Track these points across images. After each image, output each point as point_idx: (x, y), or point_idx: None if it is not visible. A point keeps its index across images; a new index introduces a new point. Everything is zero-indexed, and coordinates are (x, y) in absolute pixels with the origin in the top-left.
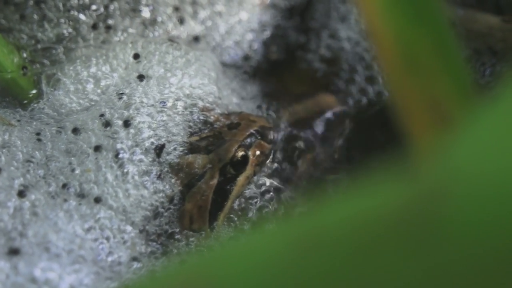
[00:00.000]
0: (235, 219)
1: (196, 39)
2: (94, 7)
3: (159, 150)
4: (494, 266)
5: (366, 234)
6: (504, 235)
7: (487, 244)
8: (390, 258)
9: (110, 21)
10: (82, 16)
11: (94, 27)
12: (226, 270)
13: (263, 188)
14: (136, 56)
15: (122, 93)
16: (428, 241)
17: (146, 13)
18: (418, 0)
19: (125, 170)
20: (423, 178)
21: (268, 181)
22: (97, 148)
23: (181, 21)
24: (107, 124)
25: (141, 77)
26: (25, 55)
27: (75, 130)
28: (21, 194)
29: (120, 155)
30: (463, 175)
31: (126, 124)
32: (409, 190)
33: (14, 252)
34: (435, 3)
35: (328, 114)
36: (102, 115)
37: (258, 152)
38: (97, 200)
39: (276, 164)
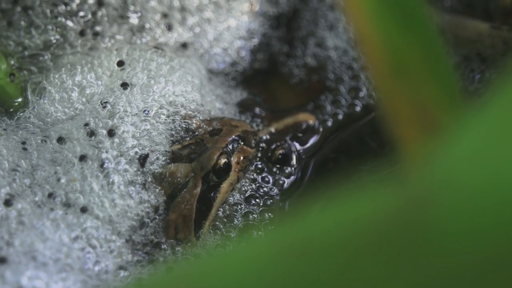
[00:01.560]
0: (221, 226)
1: (184, 45)
2: (81, 13)
3: (143, 159)
4: (479, 274)
5: (355, 242)
6: (489, 243)
7: (474, 252)
8: (378, 266)
9: (97, 28)
10: (69, 23)
11: (82, 33)
12: (215, 278)
13: (248, 194)
14: (121, 64)
15: (106, 102)
16: (416, 249)
17: (134, 19)
18: (407, 7)
19: (111, 180)
20: (412, 186)
21: (252, 187)
22: (82, 158)
23: (169, 27)
24: (91, 133)
25: (125, 85)
26: (12, 62)
27: (60, 139)
28: (7, 203)
29: (105, 165)
30: (451, 183)
31: (111, 133)
32: (398, 198)
33: (1, 260)
34: (424, 10)
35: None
36: (86, 124)
37: (241, 158)
38: (84, 209)
39: (260, 169)
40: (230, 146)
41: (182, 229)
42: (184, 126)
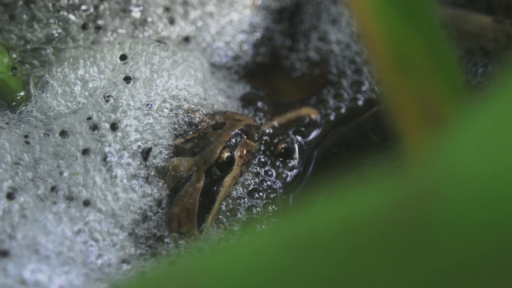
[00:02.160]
0: (224, 220)
1: (186, 39)
2: (84, 7)
3: (146, 153)
4: (485, 267)
5: (358, 236)
6: (493, 236)
7: (478, 245)
8: (381, 259)
9: (100, 22)
10: (71, 17)
11: (84, 27)
12: (218, 271)
13: (251, 188)
14: (123, 57)
15: (109, 96)
16: (419, 242)
17: (136, 13)
18: (410, 0)
19: (114, 174)
20: (415, 179)
21: (255, 181)
22: (85, 151)
23: (172, 21)
24: (94, 127)
25: (127, 79)
26: (14, 55)
27: (63, 133)
28: (10, 196)
29: (108, 159)
30: (455, 176)
31: (113, 127)
32: (401, 192)
33: (3, 254)
34: (427, 3)
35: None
36: (89, 118)
37: (244, 152)
38: (86, 203)
39: (263, 163)
40: (233, 140)
41: (185, 223)
42: (187, 120)
